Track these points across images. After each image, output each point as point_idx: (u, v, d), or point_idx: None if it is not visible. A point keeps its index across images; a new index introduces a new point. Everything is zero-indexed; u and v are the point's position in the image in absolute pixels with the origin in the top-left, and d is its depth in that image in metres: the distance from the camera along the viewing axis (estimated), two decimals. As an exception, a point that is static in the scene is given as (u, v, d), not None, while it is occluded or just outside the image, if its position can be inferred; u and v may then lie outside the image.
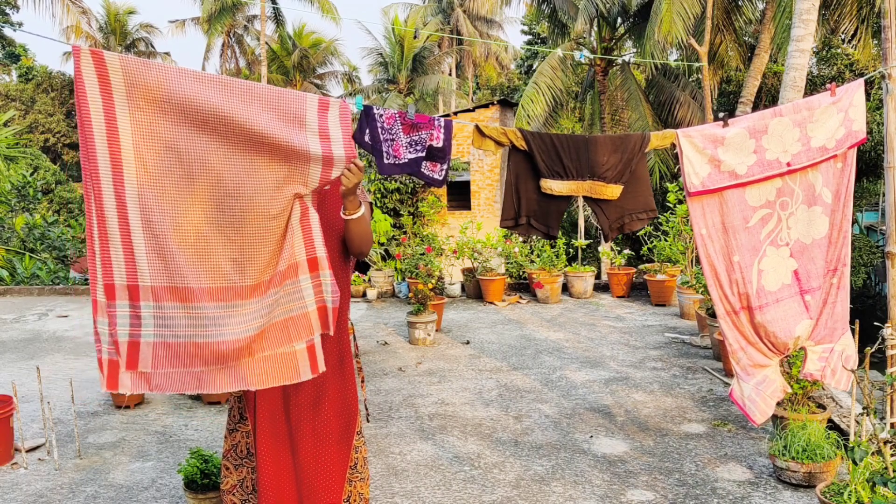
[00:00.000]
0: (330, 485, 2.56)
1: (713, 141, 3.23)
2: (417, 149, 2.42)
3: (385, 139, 2.37)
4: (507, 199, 3.43)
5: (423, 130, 2.44)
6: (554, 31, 18.35)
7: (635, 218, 3.50)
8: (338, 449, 2.58)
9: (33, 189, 13.84)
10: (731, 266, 3.31)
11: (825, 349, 3.42)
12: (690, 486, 3.63)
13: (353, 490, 2.66)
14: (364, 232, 2.43)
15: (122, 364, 2.25)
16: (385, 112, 2.38)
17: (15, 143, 11.37)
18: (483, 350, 6.54)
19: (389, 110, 2.39)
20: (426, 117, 2.46)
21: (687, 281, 7.75)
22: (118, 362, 2.25)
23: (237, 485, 2.66)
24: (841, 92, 3.27)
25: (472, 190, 14.87)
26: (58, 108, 33.77)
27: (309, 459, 2.53)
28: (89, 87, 2.02)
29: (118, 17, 32.70)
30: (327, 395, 2.56)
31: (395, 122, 2.39)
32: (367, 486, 2.73)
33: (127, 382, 2.27)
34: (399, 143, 2.39)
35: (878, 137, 13.70)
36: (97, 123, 2.04)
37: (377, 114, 2.38)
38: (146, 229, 2.11)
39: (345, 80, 32.60)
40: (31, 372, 6.03)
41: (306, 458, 2.53)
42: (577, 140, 3.37)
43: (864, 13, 12.40)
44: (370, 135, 2.36)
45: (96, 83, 2.03)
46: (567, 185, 3.38)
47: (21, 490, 3.75)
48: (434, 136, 2.47)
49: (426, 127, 2.44)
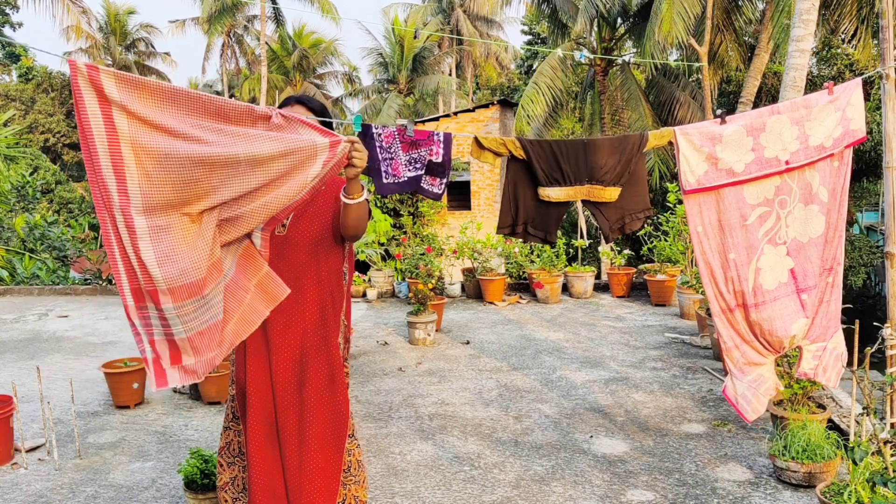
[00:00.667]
0: (322, 488, 2.55)
1: (711, 138, 3.23)
2: (417, 166, 2.41)
3: (384, 158, 2.35)
4: (504, 206, 3.42)
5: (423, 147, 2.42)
6: (554, 31, 18.35)
7: (635, 218, 3.50)
8: (330, 453, 2.57)
9: (33, 189, 13.84)
10: (726, 263, 3.31)
11: (819, 347, 3.43)
12: (690, 486, 3.63)
13: (348, 493, 2.66)
14: (362, 216, 2.46)
15: (166, 361, 2.33)
16: (384, 130, 2.36)
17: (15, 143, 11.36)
18: (483, 350, 6.54)
19: (388, 128, 2.36)
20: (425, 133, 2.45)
21: (687, 281, 7.75)
22: (161, 360, 2.32)
23: (229, 482, 2.67)
24: (838, 91, 3.27)
25: (472, 190, 14.87)
26: (58, 108, 33.76)
27: (296, 462, 2.53)
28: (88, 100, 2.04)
29: (118, 17, 32.71)
30: (317, 400, 2.54)
31: (394, 140, 2.37)
32: (364, 488, 2.73)
33: (175, 376, 2.35)
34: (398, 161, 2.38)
35: (878, 137, 13.69)
36: (98, 134, 2.05)
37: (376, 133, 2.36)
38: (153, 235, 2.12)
39: (345, 80, 32.61)
40: (31, 372, 6.03)
41: (293, 462, 2.52)
42: (576, 144, 3.37)
43: (863, 13, 12.40)
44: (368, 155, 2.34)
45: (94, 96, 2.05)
46: (565, 192, 3.38)
47: (21, 490, 3.75)
48: (434, 152, 2.46)
49: (425, 143, 2.43)
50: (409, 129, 2.40)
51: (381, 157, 2.34)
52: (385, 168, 2.34)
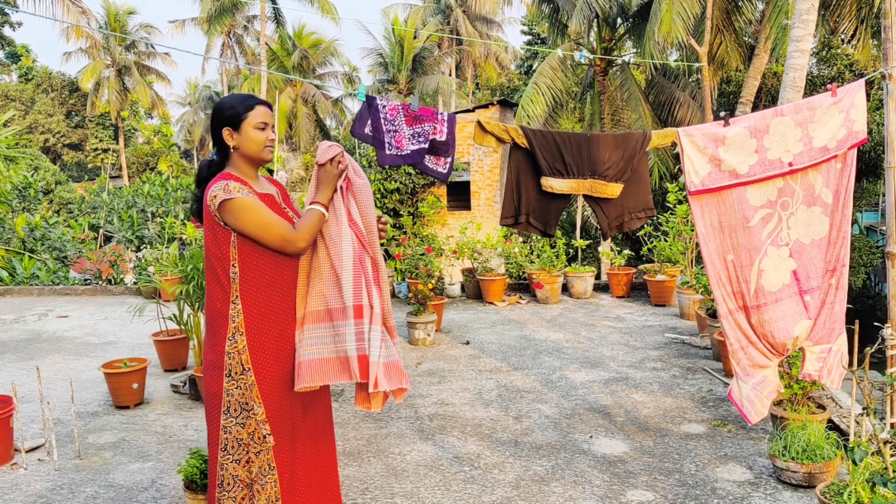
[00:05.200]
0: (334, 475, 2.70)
1: (714, 140, 3.23)
2: (420, 140, 2.42)
3: (388, 130, 2.36)
4: (507, 196, 3.42)
5: (426, 123, 2.43)
6: (554, 32, 18.35)
7: (634, 217, 3.50)
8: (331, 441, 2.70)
9: (34, 189, 13.85)
10: (725, 264, 3.31)
11: (823, 349, 3.42)
12: (690, 486, 3.63)
13: None
14: None
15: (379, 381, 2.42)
16: (388, 103, 2.37)
17: (15, 143, 11.35)
18: (483, 350, 6.54)
19: (393, 101, 2.38)
20: (429, 110, 2.46)
21: (687, 281, 7.75)
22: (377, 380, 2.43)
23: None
24: (842, 92, 3.27)
25: (472, 190, 14.86)
26: (58, 109, 33.74)
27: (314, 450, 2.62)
28: None
29: (118, 18, 32.71)
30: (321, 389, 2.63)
31: (399, 113, 2.38)
32: None
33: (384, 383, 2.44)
34: (402, 134, 2.39)
35: (878, 138, 13.71)
36: None
37: (380, 104, 2.37)
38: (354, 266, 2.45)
39: (345, 81, 32.62)
40: (30, 372, 6.03)
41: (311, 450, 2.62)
42: (579, 138, 3.36)
43: (863, 13, 12.41)
44: (372, 126, 2.35)
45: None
46: (568, 184, 3.37)
47: (21, 490, 3.75)
48: (437, 130, 2.47)
49: (429, 119, 2.44)
50: (414, 105, 2.41)
51: (385, 128, 2.36)
52: (388, 140, 2.35)
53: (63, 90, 35.43)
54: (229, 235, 2.40)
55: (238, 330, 2.39)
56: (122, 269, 10.60)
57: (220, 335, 2.41)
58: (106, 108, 34.33)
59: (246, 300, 2.40)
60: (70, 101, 36.26)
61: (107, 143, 36.57)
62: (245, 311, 2.40)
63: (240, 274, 2.40)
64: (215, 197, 2.37)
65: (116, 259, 10.74)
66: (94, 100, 33.16)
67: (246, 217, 2.36)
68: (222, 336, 2.41)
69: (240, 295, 2.40)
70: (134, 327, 7.42)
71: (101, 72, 33.00)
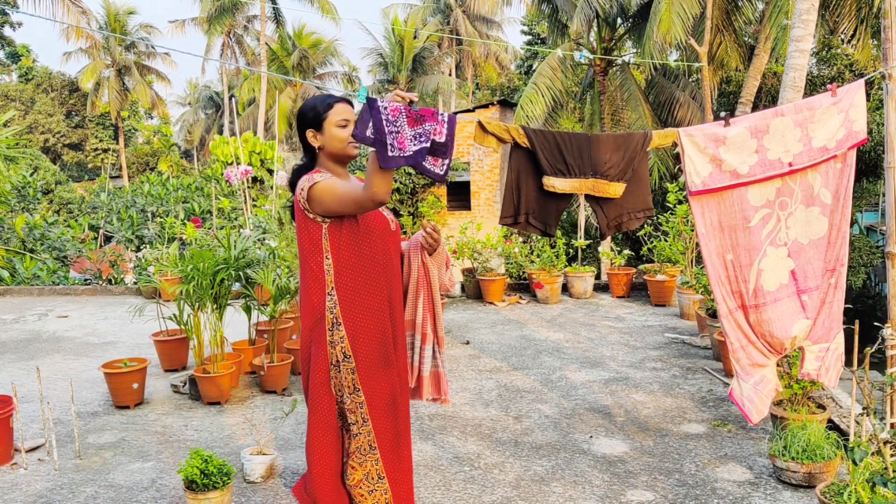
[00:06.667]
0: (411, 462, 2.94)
1: (715, 140, 3.23)
2: (421, 140, 2.41)
3: (390, 131, 2.35)
4: (507, 196, 3.42)
5: (427, 123, 2.42)
6: (554, 32, 18.36)
7: (633, 217, 3.49)
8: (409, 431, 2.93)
9: (33, 189, 13.84)
10: (724, 264, 3.31)
11: (821, 348, 3.43)
12: (690, 486, 3.63)
13: None
14: None
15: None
16: (390, 105, 2.36)
17: (15, 143, 11.34)
18: (483, 350, 6.54)
19: (394, 103, 2.37)
20: (430, 111, 2.45)
21: (687, 281, 7.75)
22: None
23: (363, 479, 2.70)
24: (842, 92, 3.27)
25: (472, 190, 14.87)
26: (58, 109, 33.73)
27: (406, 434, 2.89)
28: None
29: (118, 18, 32.72)
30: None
31: (400, 114, 2.37)
32: None
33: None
34: (404, 135, 2.38)
35: (878, 138, 13.70)
36: None
37: (381, 106, 2.36)
38: None
39: (345, 81, 32.63)
40: (30, 372, 6.03)
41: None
42: (580, 137, 3.36)
43: (863, 13, 12.42)
44: (374, 127, 2.34)
45: None
46: (570, 183, 3.36)
47: (21, 490, 3.75)
48: (437, 131, 2.46)
49: (430, 119, 2.43)
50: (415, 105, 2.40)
51: (388, 129, 2.35)
52: (391, 141, 2.35)
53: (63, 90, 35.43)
54: (320, 228, 2.52)
55: (337, 320, 2.55)
56: (122, 269, 10.59)
57: (321, 327, 2.57)
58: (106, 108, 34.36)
59: (341, 290, 2.54)
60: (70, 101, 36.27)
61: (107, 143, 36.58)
62: (341, 301, 2.55)
63: (333, 265, 2.53)
64: (302, 189, 2.50)
65: (116, 259, 10.73)
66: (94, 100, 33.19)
67: (326, 197, 2.46)
68: (322, 328, 2.56)
69: (335, 286, 2.54)
70: (134, 327, 7.42)
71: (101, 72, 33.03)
